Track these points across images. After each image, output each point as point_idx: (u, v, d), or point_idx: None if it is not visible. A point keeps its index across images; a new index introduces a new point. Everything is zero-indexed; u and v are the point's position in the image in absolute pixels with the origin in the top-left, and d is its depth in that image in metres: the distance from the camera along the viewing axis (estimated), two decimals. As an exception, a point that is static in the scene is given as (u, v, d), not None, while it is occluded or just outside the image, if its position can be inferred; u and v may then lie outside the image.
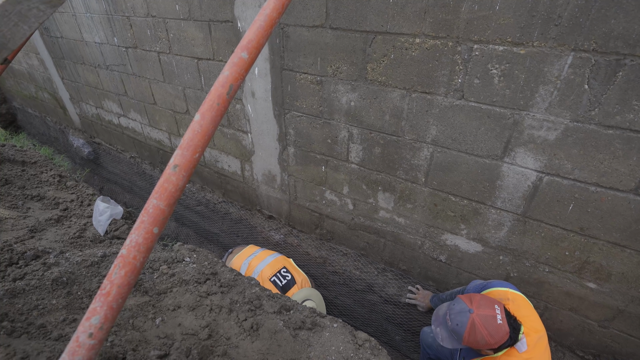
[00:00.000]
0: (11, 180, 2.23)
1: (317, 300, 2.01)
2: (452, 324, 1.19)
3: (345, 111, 1.74)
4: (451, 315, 1.21)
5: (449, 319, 1.22)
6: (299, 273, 2.14)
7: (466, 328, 1.15)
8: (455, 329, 1.18)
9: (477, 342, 1.16)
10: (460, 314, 1.18)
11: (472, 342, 1.16)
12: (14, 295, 1.19)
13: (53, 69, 3.78)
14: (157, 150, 3.24)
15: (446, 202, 1.66)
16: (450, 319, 1.21)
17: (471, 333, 1.15)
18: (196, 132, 0.69)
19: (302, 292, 1.98)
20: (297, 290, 2.00)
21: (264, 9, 0.78)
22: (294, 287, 2.02)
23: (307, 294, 1.99)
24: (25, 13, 0.93)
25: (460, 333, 1.17)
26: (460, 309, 1.19)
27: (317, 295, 2.06)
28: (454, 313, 1.20)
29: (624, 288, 1.37)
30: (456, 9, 1.23)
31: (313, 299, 1.98)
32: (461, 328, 1.16)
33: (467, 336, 1.16)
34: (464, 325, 1.15)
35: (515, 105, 1.27)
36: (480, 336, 1.14)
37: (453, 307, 1.23)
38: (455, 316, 1.19)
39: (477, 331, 1.14)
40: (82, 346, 0.57)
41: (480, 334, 1.14)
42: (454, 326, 1.18)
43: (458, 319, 1.18)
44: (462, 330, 1.16)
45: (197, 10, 2.02)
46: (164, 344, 1.14)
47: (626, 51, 1.02)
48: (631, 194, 1.19)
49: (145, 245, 0.63)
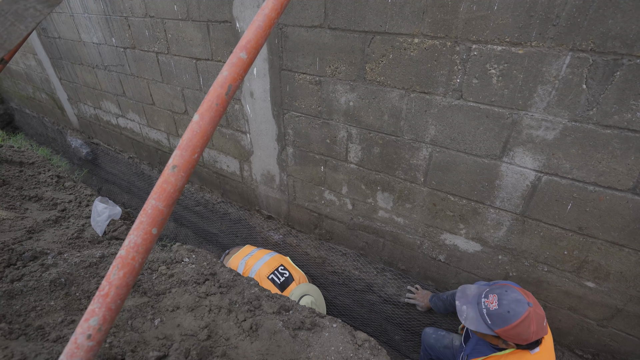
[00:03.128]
0: (9, 181, 2.21)
1: (315, 295, 2.00)
2: (501, 309, 1.12)
3: (344, 111, 1.74)
4: (503, 300, 1.14)
5: (495, 303, 1.14)
6: (296, 270, 2.14)
7: (519, 319, 1.09)
8: (504, 315, 1.11)
9: (517, 335, 1.11)
10: (517, 303, 1.12)
11: (512, 333, 1.11)
12: (11, 297, 1.18)
13: (51, 69, 3.77)
14: (155, 151, 3.24)
15: (445, 201, 1.66)
16: (501, 304, 1.13)
17: (521, 325, 1.09)
18: (195, 133, 0.69)
19: (300, 287, 1.98)
20: (295, 286, 1.99)
21: (263, 9, 0.78)
22: (292, 283, 2.01)
23: (306, 289, 1.98)
24: (22, 13, 0.93)
25: (507, 320, 1.10)
26: (517, 299, 1.13)
27: (316, 290, 2.05)
28: (508, 300, 1.13)
29: (623, 287, 1.37)
30: (455, 9, 1.23)
31: (311, 293, 1.98)
32: (513, 317, 1.10)
33: (513, 326, 1.09)
34: (518, 316, 1.09)
35: (513, 105, 1.27)
36: (527, 331, 1.09)
37: (505, 293, 1.16)
38: (510, 303, 1.12)
39: (528, 325, 1.09)
40: (80, 348, 0.57)
41: (529, 329, 1.09)
42: (503, 312, 1.11)
43: (512, 307, 1.11)
44: (512, 320, 1.10)
45: (196, 10, 2.01)
46: (162, 345, 1.13)
47: (624, 51, 1.03)
48: (629, 193, 1.20)
49: (144, 246, 0.63)
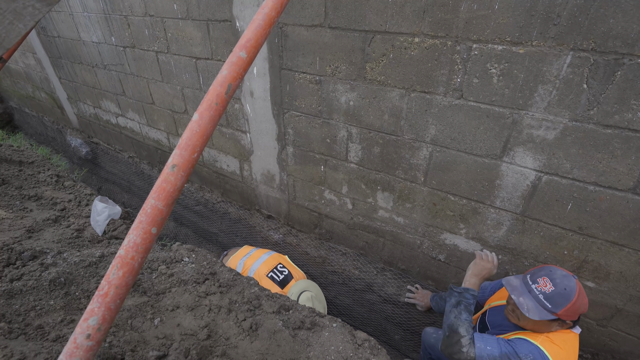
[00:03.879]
0: (8, 180, 2.21)
1: (315, 291, 1.99)
2: (558, 289, 1.09)
3: (344, 111, 1.73)
4: (556, 279, 1.11)
5: (549, 284, 1.11)
6: (295, 269, 2.14)
7: (576, 292, 1.08)
8: (562, 293, 1.08)
9: (577, 309, 1.08)
10: (566, 278, 1.10)
11: (573, 309, 1.08)
12: (11, 296, 1.18)
13: (50, 68, 3.76)
14: (155, 150, 3.23)
15: (445, 201, 1.66)
16: (555, 283, 1.10)
17: (579, 298, 1.07)
18: (194, 132, 0.69)
19: (299, 283, 1.97)
20: (294, 283, 1.99)
21: (263, 7, 0.78)
22: (292, 281, 2.01)
23: (305, 285, 1.98)
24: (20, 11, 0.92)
25: (568, 298, 1.08)
26: (563, 274, 1.11)
27: (315, 287, 2.05)
28: (560, 277, 1.11)
29: (623, 287, 1.37)
30: (455, 9, 1.23)
31: (311, 289, 1.97)
32: (571, 293, 1.08)
33: (574, 302, 1.07)
34: (574, 290, 1.08)
35: (514, 104, 1.27)
36: (584, 301, 1.08)
37: (551, 272, 1.13)
38: (562, 280, 1.10)
39: (584, 295, 1.08)
40: (79, 347, 0.57)
41: (585, 299, 1.08)
42: (561, 291, 1.08)
43: (566, 283, 1.09)
44: (572, 296, 1.07)
45: (196, 9, 2.01)
46: (162, 345, 1.13)
47: (625, 51, 1.02)
48: (629, 193, 1.20)
49: (143, 245, 0.63)
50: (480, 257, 1.39)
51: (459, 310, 1.26)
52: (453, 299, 1.30)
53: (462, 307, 1.26)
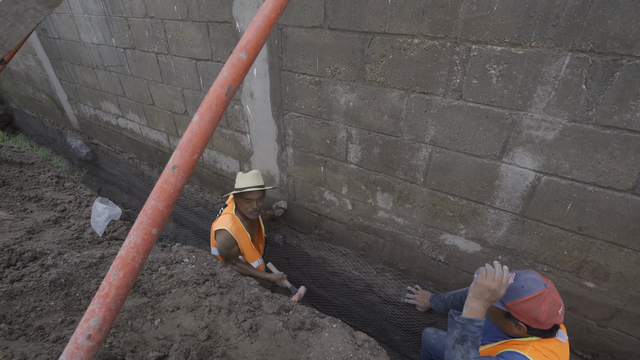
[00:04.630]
0: (9, 182, 2.22)
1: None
2: (515, 283, 1.11)
3: (344, 111, 1.74)
4: (520, 277, 1.13)
5: (510, 278, 1.13)
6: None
7: (531, 294, 1.08)
8: (517, 288, 1.10)
9: (527, 311, 1.09)
10: (533, 281, 1.11)
11: (521, 308, 1.09)
12: (11, 297, 1.18)
13: (50, 70, 3.77)
14: (155, 151, 3.24)
15: (445, 202, 1.66)
16: (517, 279, 1.13)
17: (532, 301, 1.08)
18: (195, 133, 0.69)
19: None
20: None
21: (262, 9, 0.78)
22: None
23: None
24: (22, 13, 0.93)
25: (519, 294, 1.09)
26: (535, 279, 1.12)
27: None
28: (525, 278, 1.13)
29: (622, 287, 1.37)
30: (454, 10, 1.23)
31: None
32: (525, 292, 1.09)
33: (523, 300, 1.08)
34: (531, 291, 1.09)
35: (513, 105, 1.27)
36: (537, 308, 1.08)
37: (524, 273, 1.15)
38: (526, 280, 1.12)
39: (539, 303, 1.08)
40: (80, 348, 0.57)
41: (540, 307, 1.08)
42: (517, 286, 1.11)
43: (528, 284, 1.11)
44: (524, 294, 1.09)
45: (196, 11, 2.01)
46: (163, 345, 1.13)
47: (623, 51, 1.03)
48: (629, 194, 1.20)
49: (144, 246, 0.63)
50: (483, 275, 1.15)
51: (465, 348, 1.11)
52: (456, 331, 1.15)
53: (469, 344, 1.12)
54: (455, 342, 1.14)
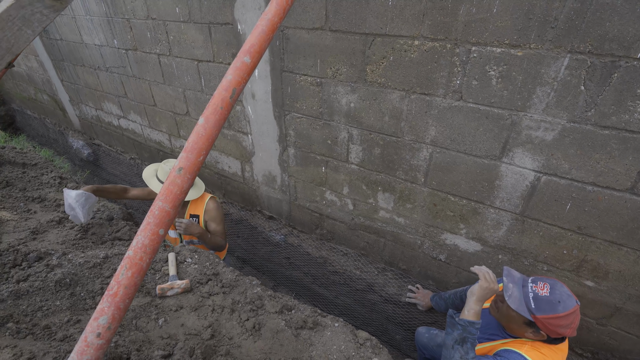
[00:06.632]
0: (12, 182, 2.23)
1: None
2: (552, 297, 1.10)
3: (345, 112, 1.75)
4: (555, 291, 1.12)
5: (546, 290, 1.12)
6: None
7: (568, 311, 1.08)
8: (553, 303, 1.09)
9: (557, 326, 1.08)
10: (568, 297, 1.10)
11: (553, 323, 1.08)
12: (18, 297, 1.20)
13: (52, 71, 3.78)
14: (157, 152, 3.25)
15: (445, 202, 1.67)
16: (553, 292, 1.11)
17: (567, 318, 1.07)
18: (200, 135, 0.70)
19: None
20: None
21: (266, 13, 0.79)
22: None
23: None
24: (29, 18, 0.94)
25: (555, 309, 1.08)
26: (569, 294, 1.12)
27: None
28: (561, 292, 1.11)
29: (622, 286, 1.38)
30: (454, 12, 1.25)
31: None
32: (562, 308, 1.08)
33: (559, 316, 1.07)
34: (567, 308, 1.08)
35: (513, 106, 1.29)
36: (568, 325, 1.08)
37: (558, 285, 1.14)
38: (562, 294, 1.11)
39: (572, 320, 1.08)
40: (90, 346, 0.58)
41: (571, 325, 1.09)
42: (554, 300, 1.09)
43: (564, 299, 1.10)
44: (561, 310, 1.08)
45: (197, 12, 2.03)
46: (167, 344, 1.15)
47: (621, 53, 1.04)
48: (627, 193, 1.21)
49: (151, 246, 0.65)
50: (485, 279, 1.23)
51: (465, 349, 1.16)
52: (456, 332, 1.19)
53: (469, 345, 1.16)
54: (455, 343, 1.18)
